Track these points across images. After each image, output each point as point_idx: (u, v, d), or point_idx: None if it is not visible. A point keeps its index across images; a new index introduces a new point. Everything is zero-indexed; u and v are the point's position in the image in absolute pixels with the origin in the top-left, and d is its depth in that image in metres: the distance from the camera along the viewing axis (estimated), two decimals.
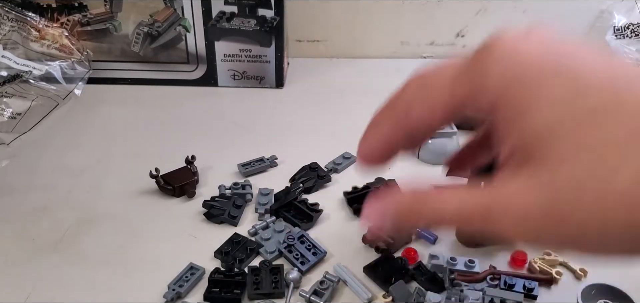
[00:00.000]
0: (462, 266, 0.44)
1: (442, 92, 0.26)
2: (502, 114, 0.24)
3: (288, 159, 0.58)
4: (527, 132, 0.23)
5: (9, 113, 0.63)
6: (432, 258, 0.45)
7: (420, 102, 0.26)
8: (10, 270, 0.45)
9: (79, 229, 0.50)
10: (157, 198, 0.53)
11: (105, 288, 0.44)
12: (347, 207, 0.52)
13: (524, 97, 0.23)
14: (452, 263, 0.44)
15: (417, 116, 0.26)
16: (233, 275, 0.43)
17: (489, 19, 0.82)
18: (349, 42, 0.85)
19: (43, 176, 0.57)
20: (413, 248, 0.46)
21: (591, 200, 0.21)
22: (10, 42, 0.67)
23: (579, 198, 0.21)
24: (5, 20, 0.68)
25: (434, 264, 0.44)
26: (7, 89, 0.64)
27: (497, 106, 0.24)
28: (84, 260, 0.46)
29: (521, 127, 0.23)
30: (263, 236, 0.47)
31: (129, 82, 0.75)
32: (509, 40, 0.24)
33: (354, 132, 0.72)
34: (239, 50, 0.73)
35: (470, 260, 0.44)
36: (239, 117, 0.68)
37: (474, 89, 0.24)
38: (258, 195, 0.52)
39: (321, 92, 0.74)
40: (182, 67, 0.74)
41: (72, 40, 0.70)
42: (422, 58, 0.85)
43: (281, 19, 0.70)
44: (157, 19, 0.71)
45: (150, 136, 0.64)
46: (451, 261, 0.45)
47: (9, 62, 0.66)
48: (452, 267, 0.44)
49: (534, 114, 0.23)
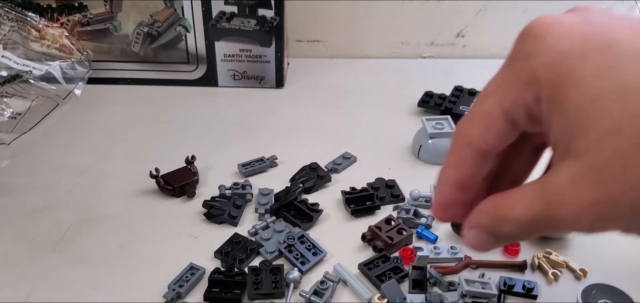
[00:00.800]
0: (446, 253, 0.46)
1: (492, 103, 0.25)
2: (545, 105, 0.23)
3: (288, 159, 0.58)
4: (569, 113, 0.22)
5: (9, 113, 0.63)
6: (417, 250, 0.46)
7: (475, 124, 0.25)
8: (10, 270, 0.45)
9: (79, 229, 0.50)
10: (157, 198, 0.53)
11: (105, 288, 0.44)
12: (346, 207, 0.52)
13: (564, 76, 0.22)
14: (435, 251, 0.46)
15: (479, 139, 0.25)
16: (233, 275, 0.43)
17: (489, 19, 0.82)
18: (349, 42, 0.85)
19: (43, 176, 0.57)
20: (411, 248, 0.46)
21: (638, 176, 0.20)
22: (10, 42, 0.67)
23: (626, 175, 0.20)
24: (5, 20, 0.68)
25: (419, 256, 0.45)
26: (7, 89, 0.64)
27: (540, 97, 0.23)
28: (84, 260, 0.46)
29: (563, 109, 0.22)
30: (263, 236, 0.47)
31: (129, 82, 0.75)
32: (545, 20, 0.23)
33: (354, 132, 0.72)
34: (239, 50, 0.73)
35: (453, 247, 0.46)
36: (239, 117, 0.68)
37: (519, 86, 0.24)
38: (258, 195, 0.52)
39: (321, 92, 0.74)
40: (182, 67, 0.74)
41: (72, 40, 0.70)
42: (422, 58, 0.85)
43: (281, 19, 0.70)
44: (157, 19, 0.71)
45: (150, 136, 0.64)
46: (435, 249, 0.46)
47: (9, 62, 0.66)
48: (436, 254, 0.45)
49: (573, 94, 0.22)
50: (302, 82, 0.77)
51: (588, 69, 0.21)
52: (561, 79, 0.22)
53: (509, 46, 0.25)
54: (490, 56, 0.82)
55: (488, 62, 0.81)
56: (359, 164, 0.59)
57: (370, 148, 0.61)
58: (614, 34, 0.22)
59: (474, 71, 0.77)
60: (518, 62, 0.24)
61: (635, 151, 0.20)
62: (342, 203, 0.52)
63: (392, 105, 0.70)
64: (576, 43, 0.22)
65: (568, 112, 0.22)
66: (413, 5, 0.81)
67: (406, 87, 0.73)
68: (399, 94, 0.72)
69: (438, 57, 0.85)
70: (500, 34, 0.83)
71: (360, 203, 0.51)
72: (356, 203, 0.51)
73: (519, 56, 0.24)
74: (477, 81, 0.68)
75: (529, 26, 0.24)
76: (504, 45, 1.00)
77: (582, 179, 0.21)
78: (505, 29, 0.82)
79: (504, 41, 1.01)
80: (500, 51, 0.86)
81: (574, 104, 0.22)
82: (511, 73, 0.24)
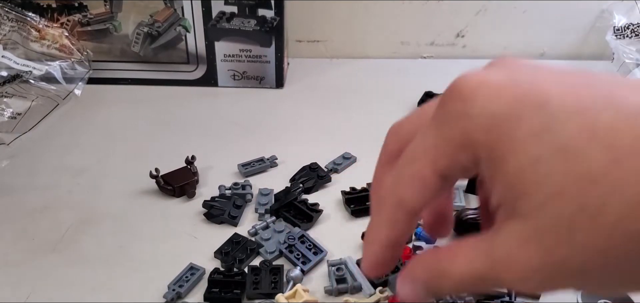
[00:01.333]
0: None
1: (424, 165, 0.24)
2: (485, 165, 0.23)
3: (288, 159, 0.58)
4: (511, 176, 0.21)
5: (9, 113, 0.63)
6: (415, 249, 0.46)
7: (407, 187, 0.25)
8: (10, 270, 0.45)
9: (78, 229, 0.50)
10: (157, 198, 0.53)
11: (105, 288, 0.44)
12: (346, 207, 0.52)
13: (502, 139, 0.22)
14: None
15: (411, 200, 0.25)
16: (232, 275, 0.43)
17: (489, 19, 0.82)
18: (349, 42, 0.85)
19: (43, 176, 0.57)
20: (409, 247, 0.46)
21: (585, 238, 0.20)
22: (10, 42, 0.67)
23: (572, 238, 0.20)
24: (5, 20, 0.68)
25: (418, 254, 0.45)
26: (7, 89, 0.64)
27: (479, 158, 0.23)
28: (84, 260, 0.46)
29: (504, 172, 0.22)
30: (263, 236, 0.47)
31: (129, 82, 0.75)
32: (472, 80, 0.23)
33: (354, 132, 0.72)
34: (239, 50, 0.73)
35: None
36: (239, 117, 0.68)
37: (453, 149, 0.23)
38: (258, 195, 0.52)
39: (321, 92, 0.74)
40: (182, 68, 0.74)
41: (72, 40, 0.70)
42: (422, 58, 0.85)
43: (281, 19, 0.70)
44: (157, 19, 0.71)
45: (150, 136, 0.64)
46: None
47: (9, 62, 0.66)
48: None
49: (513, 157, 0.21)
50: (302, 83, 0.77)
51: (525, 130, 0.21)
52: (499, 142, 0.22)
53: (509, 46, 0.25)
54: (490, 56, 0.82)
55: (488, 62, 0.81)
56: (359, 164, 0.59)
57: (370, 148, 0.60)
58: (544, 92, 0.21)
59: None
60: (449, 124, 0.23)
61: (579, 213, 0.20)
62: (342, 203, 0.52)
63: (392, 105, 0.70)
64: (509, 104, 0.22)
65: (509, 175, 0.22)
66: (413, 5, 0.81)
67: (406, 87, 0.73)
68: (399, 94, 0.72)
69: (438, 57, 0.85)
70: (500, 34, 0.83)
71: (360, 203, 0.51)
72: (356, 203, 0.51)
73: (449, 117, 0.23)
74: None
75: (455, 86, 0.23)
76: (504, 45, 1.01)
77: (529, 242, 0.21)
78: (505, 29, 0.83)
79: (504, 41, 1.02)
80: (500, 51, 0.87)
81: (515, 166, 0.21)
82: (442, 135, 0.24)
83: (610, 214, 0.19)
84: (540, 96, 0.21)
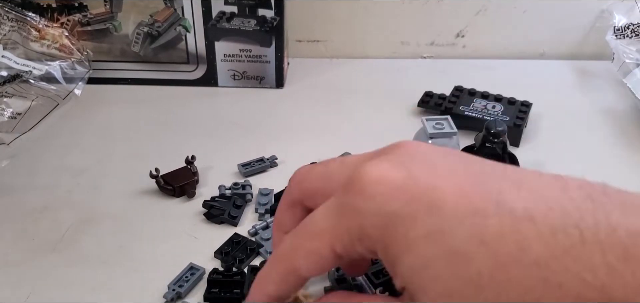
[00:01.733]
0: None
1: (322, 245, 0.26)
2: (382, 258, 0.24)
3: (288, 159, 0.58)
4: (406, 273, 0.23)
5: (9, 113, 0.63)
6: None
7: (303, 259, 0.26)
8: (10, 270, 0.45)
9: (79, 229, 0.50)
10: (157, 198, 0.53)
11: (105, 288, 0.44)
12: None
13: (396, 238, 0.23)
14: None
15: (306, 271, 0.27)
16: (232, 275, 0.43)
17: (489, 19, 0.82)
18: (349, 42, 0.85)
19: (43, 176, 0.57)
20: None
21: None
22: (10, 42, 0.67)
23: None
24: (5, 20, 0.68)
25: None
26: (7, 89, 0.64)
27: (376, 251, 0.24)
28: (84, 260, 0.46)
29: (400, 267, 0.23)
30: (263, 236, 0.47)
31: (129, 82, 0.75)
32: (371, 176, 0.24)
33: (354, 132, 0.72)
34: (239, 50, 0.73)
35: None
36: (239, 117, 0.68)
37: (350, 238, 0.25)
38: (258, 195, 0.52)
39: (321, 92, 0.74)
40: (182, 67, 0.74)
41: (72, 40, 0.70)
42: (422, 58, 0.85)
43: (281, 19, 0.70)
44: (157, 19, 0.71)
45: (150, 136, 0.64)
46: None
47: (9, 62, 0.66)
48: None
49: (406, 256, 0.23)
50: (302, 82, 0.77)
51: (419, 231, 0.22)
52: (393, 241, 0.23)
53: (509, 46, 0.25)
54: (490, 56, 0.82)
55: (488, 62, 0.81)
56: None
57: (370, 148, 0.60)
58: (439, 193, 0.23)
59: (474, 71, 0.77)
60: (348, 215, 0.25)
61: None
62: None
63: (392, 105, 0.70)
64: (404, 203, 0.23)
65: (405, 272, 0.23)
66: (413, 5, 0.81)
67: (406, 87, 0.73)
68: (399, 94, 0.72)
69: (438, 58, 0.85)
70: (500, 34, 0.83)
71: None
72: None
73: (348, 209, 0.25)
74: (477, 81, 0.68)
75: (355, 180, 0.25)
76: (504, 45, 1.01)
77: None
78: (505, 29, 0.83)
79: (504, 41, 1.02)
80: (500, 51, 0.87)
81: (409, 265, 0.23)
82: (341, 224, 0.25)
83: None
84: (436, 199, 0.23)
